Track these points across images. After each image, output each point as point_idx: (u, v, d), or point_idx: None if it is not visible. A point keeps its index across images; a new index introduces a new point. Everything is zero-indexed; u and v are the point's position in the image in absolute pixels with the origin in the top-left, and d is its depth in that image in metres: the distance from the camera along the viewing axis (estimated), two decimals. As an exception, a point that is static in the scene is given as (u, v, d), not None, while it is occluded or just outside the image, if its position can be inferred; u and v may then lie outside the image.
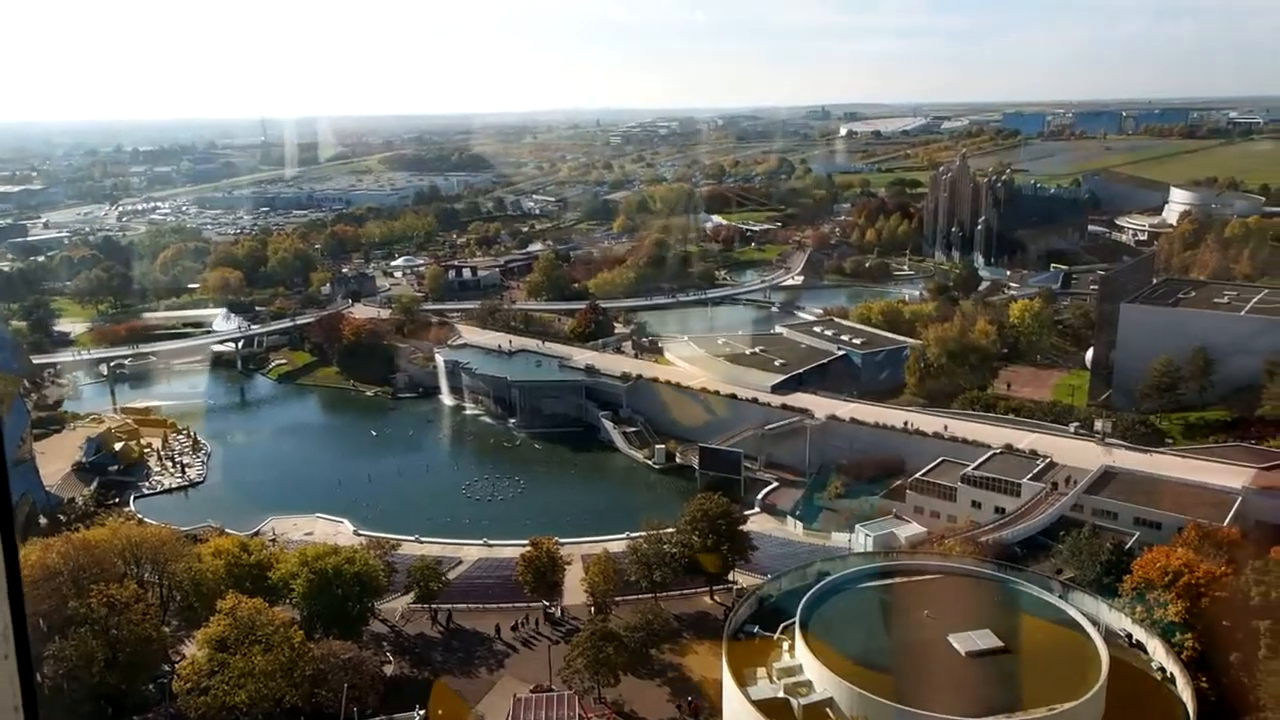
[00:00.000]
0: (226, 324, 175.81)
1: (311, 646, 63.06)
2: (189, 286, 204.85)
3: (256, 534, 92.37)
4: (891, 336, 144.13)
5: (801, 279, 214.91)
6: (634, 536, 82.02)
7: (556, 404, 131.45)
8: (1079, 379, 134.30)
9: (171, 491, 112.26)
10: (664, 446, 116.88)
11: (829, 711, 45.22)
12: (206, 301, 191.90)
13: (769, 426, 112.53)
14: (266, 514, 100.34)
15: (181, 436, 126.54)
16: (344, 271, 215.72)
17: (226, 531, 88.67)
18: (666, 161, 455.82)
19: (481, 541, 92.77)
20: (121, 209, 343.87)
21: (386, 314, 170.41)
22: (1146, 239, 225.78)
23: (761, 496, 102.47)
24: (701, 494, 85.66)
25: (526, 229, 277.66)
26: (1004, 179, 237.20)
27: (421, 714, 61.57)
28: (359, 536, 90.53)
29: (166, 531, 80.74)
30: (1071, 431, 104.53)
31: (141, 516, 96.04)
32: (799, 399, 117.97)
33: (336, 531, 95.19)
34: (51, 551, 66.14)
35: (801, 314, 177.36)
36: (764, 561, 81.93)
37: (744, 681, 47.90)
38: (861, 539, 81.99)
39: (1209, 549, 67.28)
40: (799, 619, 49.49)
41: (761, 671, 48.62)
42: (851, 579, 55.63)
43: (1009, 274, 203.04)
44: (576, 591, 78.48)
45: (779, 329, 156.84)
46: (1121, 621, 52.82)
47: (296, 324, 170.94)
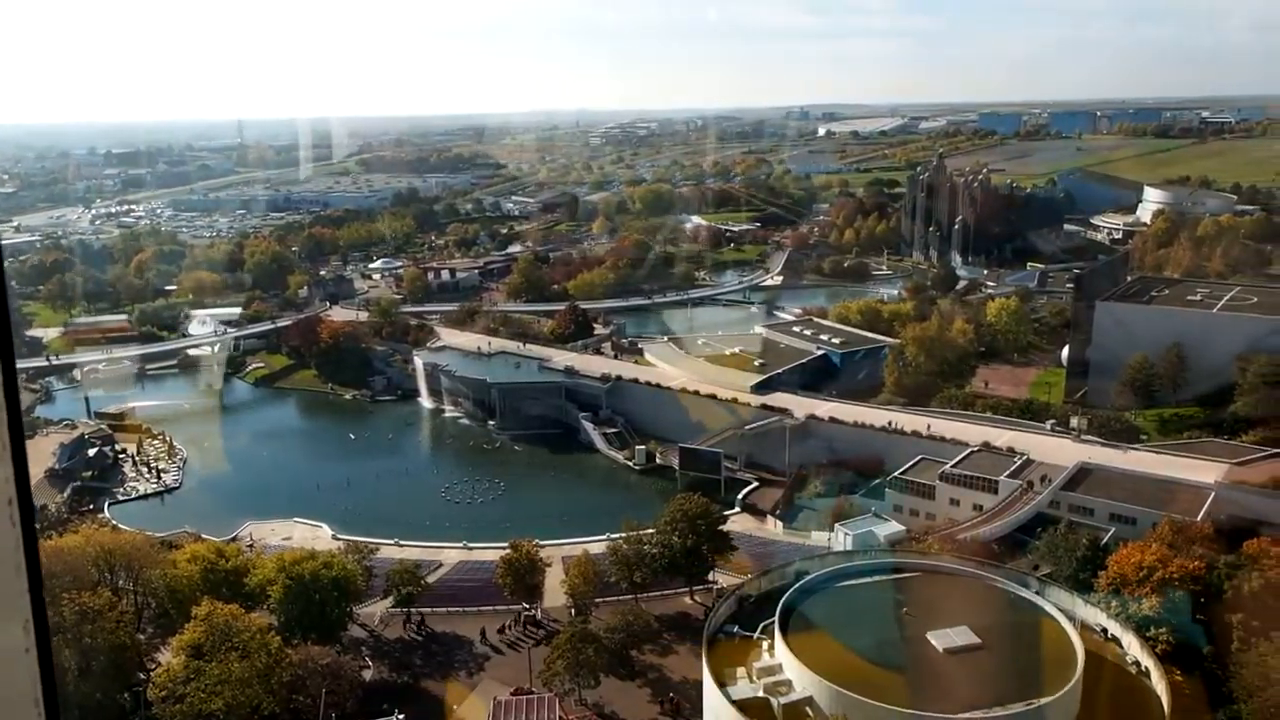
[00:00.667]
0: (202, 328, 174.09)
1: (289, 652, 62.56)
2: (164, 290, 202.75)
3: (233, 539, 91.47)
4: (870, 336, 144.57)
5: (781, 279, 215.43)
6: (614, 538, 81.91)
7: (536, 406, 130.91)
8: (1055, 377, 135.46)
9: (147, 497, 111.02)
10: (644, 447, 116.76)
11: (809, 710, 45.39)
12: (182, 305, 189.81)
13: (749, 426, 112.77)
14: (243, 519, 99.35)
15: (157, 441, 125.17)
16: (322, 274, 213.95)
17: (203, 537, 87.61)
18: (646, 162, 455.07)
19: (461, 544, 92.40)
20: (95, 212, 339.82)
21: (365, 316, 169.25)
22: (1121, 238, 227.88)
23: (742, 496, 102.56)
24: (681, 494, 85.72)
25: (506, 230, 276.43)
26: (981, 179, 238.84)
27: (401, 719, 61.25)
28: (337, 541, 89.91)
29: (141, 538, 79.84)
30: (1048, 429, 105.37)
31: (116, 523, 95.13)
32: (778, 399, 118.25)
33: (315, 536, 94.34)
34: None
35: (781, 314, 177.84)
36: (744, 561, 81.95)
37: (724, 681, 48.00)
38: (841, 538, 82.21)
39: (1183, 544, 68.01)
40: (778, 618, 49.67)
41: (741, 671, 48.74)
42: (831, 578, 55.90)
43: (986, 273, 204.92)
44: (557, 593, 78.15)
45: (758, 329, 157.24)
46: (1097, 616, 53.36)
47: (274, 327, 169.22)
